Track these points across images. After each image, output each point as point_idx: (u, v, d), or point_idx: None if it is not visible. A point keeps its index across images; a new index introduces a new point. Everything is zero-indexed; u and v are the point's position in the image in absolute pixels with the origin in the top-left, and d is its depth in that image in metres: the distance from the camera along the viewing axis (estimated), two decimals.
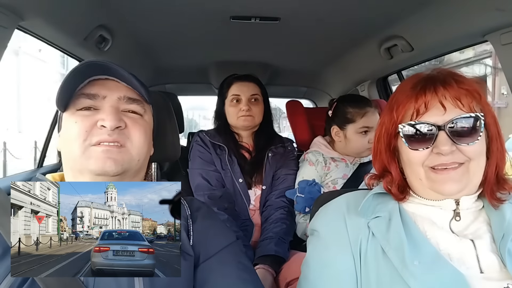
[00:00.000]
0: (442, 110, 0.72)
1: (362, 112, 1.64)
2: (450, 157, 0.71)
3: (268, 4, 1.44)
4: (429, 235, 0.76)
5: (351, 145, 1.68)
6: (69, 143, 0.74)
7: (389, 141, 0.80)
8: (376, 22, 1.59)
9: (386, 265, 0.72)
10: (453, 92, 0.72)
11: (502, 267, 0.71)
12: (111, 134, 0.73)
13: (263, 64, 2.37)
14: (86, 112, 0.75)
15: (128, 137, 0.76)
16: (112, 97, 0.76)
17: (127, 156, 0.75)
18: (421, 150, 0.74)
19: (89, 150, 0.73)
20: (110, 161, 0.72)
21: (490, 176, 0.77)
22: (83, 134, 0.73)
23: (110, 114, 0.73)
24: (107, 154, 0.72)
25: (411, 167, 0.77)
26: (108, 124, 0.72)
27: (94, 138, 0.73)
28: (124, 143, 0.75)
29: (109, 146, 0.73)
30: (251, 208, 1.66)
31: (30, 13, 1.13)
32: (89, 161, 0.72)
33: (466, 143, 0.72)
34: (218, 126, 1.78)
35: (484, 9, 1.17)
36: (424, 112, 0.73)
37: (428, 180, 0.74)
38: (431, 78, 0.76)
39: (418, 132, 0.74)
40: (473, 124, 0.72)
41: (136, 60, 2.14)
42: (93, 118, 0.74)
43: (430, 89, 0.73)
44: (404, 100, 0.76)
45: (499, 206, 0.76)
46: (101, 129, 0.73)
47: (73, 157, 0.74)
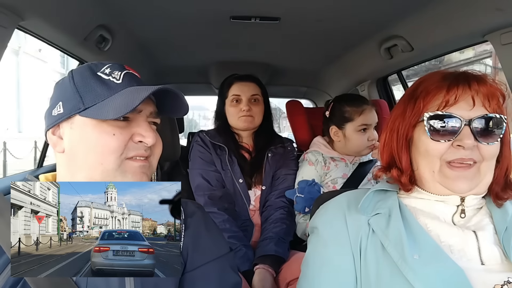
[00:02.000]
0: (471, 105, 0.72)
1: (360, 110, 1.65)
2: (469, 153, 0.72)
3: (268, 4, 1.44)
4: (430, 228, 0.76)
5: (350, 144, 1.68)
6: (101, 155, 0.71)
7: (407, 130, 0.79)
8: (376, 22, 1.60)
9: (386, 261, 0.72)
10: (486, 90, 0.73)
11: (503, 259, 0.71)
12: (147, 150, 0.74)
13: (263, 64, 2.37)
14: (121, 123, 0.73)
15: (152, 151, 0.77)
16: (146, 112, 0.76)
17: (151, 169, 0.78)
18: (443, 142, 0.73)
19: (124, 164, 0.72)
20: (144, 176, 0.74)
21: (499, 178, 0.77)
22: (121, 148, 0.72)
23: (149, 131, 0.74)
24: (143, 170, 0.74)
25: (427, 159, 0.76)
26: (149, 141, 0.73)
27: (130, 152, 0.73)
28: (149, 156, 0.76)
29: (143, 161, 0.74)
30: (251, 208, 1.66)
31: (30, 13, 1.13)
32: (126, 175, 0.72)
33: (486, 142, 0.72)
34: (218, 126, 1.78)
35: (484, 9, 1.17)
36: (452, 104, 0.73)
37: (441, 175, 0.74)
38: (464, 74, 0.76)
39: (444, 123, 0.73)
40: (496, 125, 0.73)
41: (136, 60, 2.14)
42: (129, 131, 0.73)
43: (463, 82, 0.73)
44: (434, 90, 0.75)
45: (502, 204, 0.77)
46: (137, 144, 0.73)
47: (105, 169, 0.71)
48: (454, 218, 0.77)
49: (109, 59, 1.78)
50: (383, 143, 0.84)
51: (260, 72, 2.07)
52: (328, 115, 1.75)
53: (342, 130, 1.69)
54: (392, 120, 0.82)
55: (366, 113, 1.65)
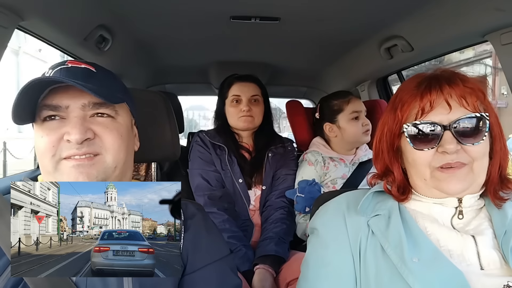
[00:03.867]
0: (447, 109, 0.72)
1: (347, 99, 1.73)
2: (455, 157, 0.71)
3: (268, 4, 1.44)
4: (430, 231, 0.75)
5: (347, 134, 1.71)
6: (40, 157, 0.71)
7: (392, 141, 0.79)
8: (376, 22, 1.59)
9: (385, 263, 0.72)
10: (459, 91, 0.72)
11: (503, 264, 0.71)
12: (79, 148, 0.69)
13: (263, 64, 2.36)
14: (52, 123, 0.70)
15: (100, 145, 0.71)
16: (75, 106, 0.71)
17: (102, 166, 0.71)
18: (426, 150, 0.73)
19: (60, 165, 0.70)
20: (82, 175, 0.69)
21: (494, 175, 0.76)
22: (50, 150, 0.69)
23: (74, 127, 0.68)
24: (79, 169, 0.69)
25: (416, 168, 0.76)
26: (74, 138, 0.68)
27: (63, 152, 0.69)
28: (98, 152, 0.71)
29: (80, 160, 0.69)
30: (251, 208, 1.66)
31: (30, 13, 1.13)
32: (62, 176, 0.69)
33: (471, 143, 0.71)
34: (218, 126, 1.78)
35: (484, 9, 1.17)
36: (429, 111, 0.73)
37: (433, 180, 0.74)
38: (436, 77, 0.75)
39: (423, 132, 0.73)
40: (478, 124, 0.72)
41: (136, 60, 2.14)
42: (59, 131, 0.69)
43: (435, 87, 0.73)
44: (409, 99, 0.75)
45: (502, 205, 0.76)
46: (68, 143, 0.69)
47: (46, 171, 0.71)
48: (453, 221, 0.76)
49: (109, 59, 1.79)
50: (374, 153, 0.84)
51: (260, 72, 2.07)
52: (318, 116, 1.82)
53: (335, 123, 1.73)
54: (380, 129, 0.82)
55: (354, 101, 1.73)
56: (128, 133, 0.79)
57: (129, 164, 0.81)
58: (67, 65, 0.74)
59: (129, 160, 0.80)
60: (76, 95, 0.71)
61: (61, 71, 0.72)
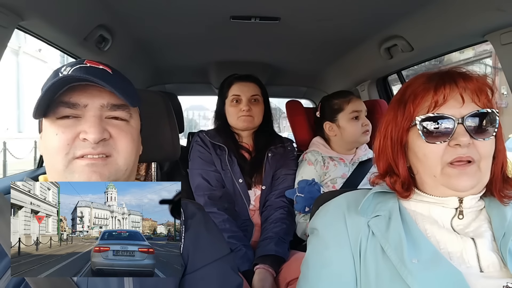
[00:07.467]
0: (460, 102, 0.72)
1: (347, 99, 1.74)
2: (466, 151, 0.71)
3: (268, 4, 1.44)
4: (429, 233, 0.75)
5: (347, 134, 1.71)
6: (51, 155, 0.70)
7: (400, 136, 0.78)
8: (376, 22, 1.60)
9: (385, 264, 0.72)
10: (473, 86, 0.72)
11: (502, 266, 0.71)
12: (95, 147, 0.69)
13: (263, 64, 2.37)
14: (67, 121, 0.70)
15: (114, 147, 0.71)
16: (94, 105, 0.71)
17: (114, 167, 0.71)
18: (438, 143, 0.73)
19: (72, 164, 0.69)
20: (95, 175, 0.69)
21: (497, 174, 0.77)
22: (65, 148, 0.68)
23: (92, 126, 0.68)
24: (92, 168, 0.69)
25: (426, 163, 0.75)
26: (91, 138, 0.68)
27: (77, 151, 0.69)
28: (110, 154, 0.71)
29: (94, 159, 0.69)
30: (251, 208, 1.66)
31: (30, 13, 1.13)
32: (73, 175, 0.69)
33: (482, 138, 0.72)
34: (218, 126, 1.78)
35: (484, 9, 1.17)
36: (441, 104, 0.72)
37: (444, 176, 0.73)
38: (448, 72, 0.75)
39: (437, 124, 0.72)
40: (489, 120, 0.72)
41: (136, 60, 2.14)
42: (75, 129, 0.69)
43: (449, 81, 0.73)
44: (422, 92, 0.75)
45: (509, 203, 0.76)
46: (84, 141, 0.69)
47: (56, 170, 0.70)
48: (453, 222, 0.76)
49: (109, 59, 1.79)
50: (377, 151, 0.83)
51: (260, 72, 2.07)
52: (319, 114, 1.83)
53: (335, 122, 1.74)
54: (384, 126, 0.81)
55: (354, 101, 1.73)
56: (138, 136, 0.79)
57: (136, 167, 0.81)
58: (86, 64, 0.73)
59: (136, 163, 0.80)
60: (95, 94, 0.71)
61: (81, 70, 0.71)
